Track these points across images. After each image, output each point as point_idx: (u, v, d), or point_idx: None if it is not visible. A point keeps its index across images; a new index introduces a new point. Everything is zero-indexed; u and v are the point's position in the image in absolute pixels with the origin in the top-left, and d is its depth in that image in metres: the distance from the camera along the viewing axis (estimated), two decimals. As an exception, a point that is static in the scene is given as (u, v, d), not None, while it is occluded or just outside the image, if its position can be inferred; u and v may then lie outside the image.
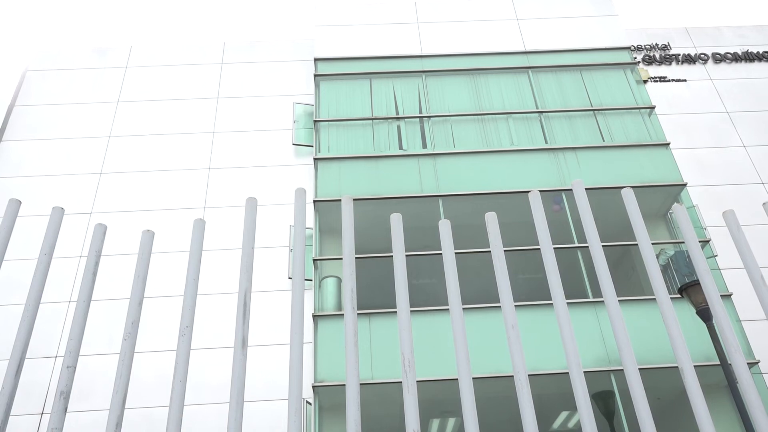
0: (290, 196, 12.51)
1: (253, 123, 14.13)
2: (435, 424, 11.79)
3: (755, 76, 15.22)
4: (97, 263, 2.01)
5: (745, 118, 14.40)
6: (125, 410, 1.77)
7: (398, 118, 13.33)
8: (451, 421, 11.79)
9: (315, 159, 12.59)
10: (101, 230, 2.06)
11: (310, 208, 11.99)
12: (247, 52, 15.51)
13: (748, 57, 15.49)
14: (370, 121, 13.25)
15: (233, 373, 1.81)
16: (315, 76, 14.03)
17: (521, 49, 14.46)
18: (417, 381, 1.82)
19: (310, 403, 9.93)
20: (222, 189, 13.06)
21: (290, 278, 11.62)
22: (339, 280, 11.30)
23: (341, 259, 10.60)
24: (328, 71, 14.07)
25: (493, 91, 13.75)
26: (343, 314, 9.85)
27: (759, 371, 10.08)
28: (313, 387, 9.83)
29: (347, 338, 1.84)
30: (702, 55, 15.48)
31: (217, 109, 14.40)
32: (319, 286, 11.17)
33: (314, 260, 11.28)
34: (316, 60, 14.27)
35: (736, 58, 15.46)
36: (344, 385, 1.82)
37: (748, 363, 6.07)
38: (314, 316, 10.55)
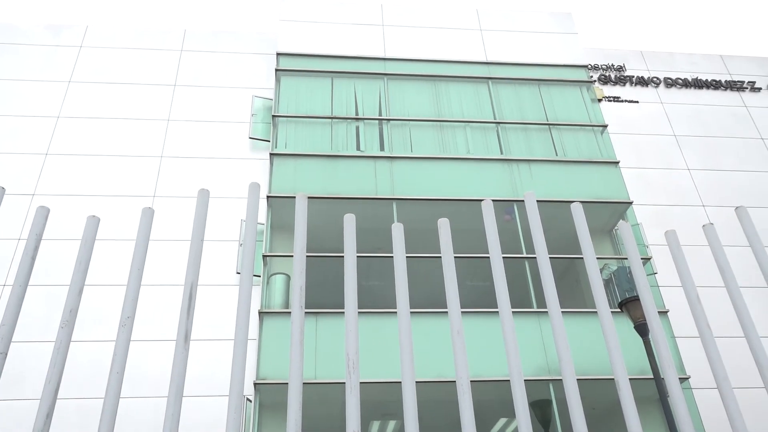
0: (243, 190, 12.35)
1: (210, 113, 13.89)
2: (375, 426, 11.81)
3: (703, 103, 15.84)
4: (36, 247, 1.94)
5: (691, 143, 14.96)
6: (57, 400, 1.72)
7: (357, 119, 13.33)
8: (392, 424, 11.83)
9: (271, 154, 12.47)
10: (43, 213, 1.99)
11: (263, 204, 11.86)
12: (208, 40, 15.24)
13: (698, 84, 16.10)
14: (329, 119, 13.21)
15: (174, 367, 1.77)
16: (276, 70, 13.90)
17: (483, 59, 14.67)
18: (360, 382, 1.82)
19: (250, 401, 9.81)
20: (173, 178, 12.79)
21: (238, 273, 11.47)
22: (288, 277, 11.21)
23: (292, 256, 10.52)
24: (290, 66, 13.96)
25: (453, 98, 13.89)
26: (289, 312, 9.77)
27: (689, 386, 10.48)
28: (255, 384, 9.72)
29: (293, 336, 1.83)
30: (655, 79, 16.02)
31: (173, 96, 14.10)
32: (267, 283, 11.06)
33: (264, 256, 11.17)
34: (278, 54, 14.14)
35: (686, 84, 16.05)
36: (287, 383, 1.81)
37: (679, 378, 6.30)
38: (260, 313, 10.44)
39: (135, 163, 12.95)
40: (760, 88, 16.24)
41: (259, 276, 10.99)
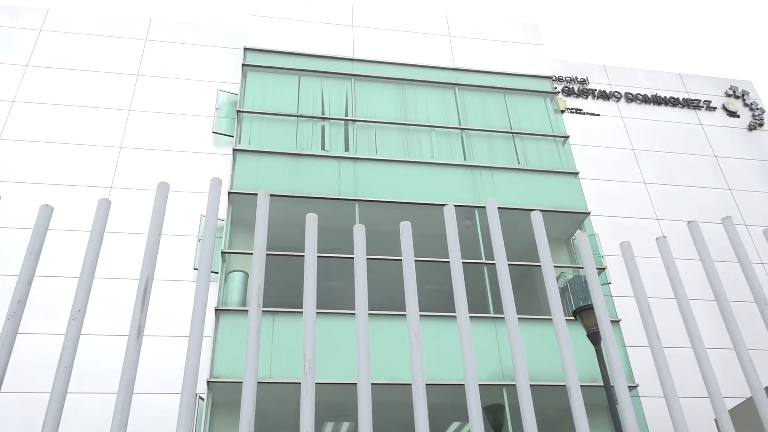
0: (204, 185, 12.16)
1: (173, 105, 13.65)
2: (329, 427, 11.76)
3: (661, 119, 16.29)
4: (-15, 235, 1.88)
5: (648, 157, 15.36)
6: (0, 394, 1.66)
7: (323, 119, 13.27)
8: (345, 425, 11.80)
9: (234, 150, 12.32)
10: (-6, 200, 1.93)
11: (223, 199, 11.70)
12: (174, 31, 14.98)
13: (657, 100, 16.55)
14: (295, 117, 13.12)
15: (125, 362, 1.73)
16: (243, 65, 13.74)
17: (450, 65, 14.78)
18: (315, 383, 1.81)
19: (202, 399, 9.66)
20: (132, 170, 12.51)
21: (196, 269, 11.29)
22: (246, 275, 11.09)
23: (251, 253, 10.40)
24: (257, 62, 13.83)
25: (420, 102, 13.96)
26: (246, 310, 9.66)
27: (637, 394, 10.74)
28: (208, 382, 9.58)
29: (249, 335, 1.81)
30: (616, 93, 16.40)
31: (135, 86, 13.80)
32: (225, 280, 10.91)
33: (222, 253, 11.02)
34: (245, 49, 13.99)
35: (646, 99, 16.48)
36: (241, 382, 1.79)
37: (628, 386, 6.47)
38: (217, 310, 10.29)
39: (93, 152, 12.63)
40: (715, 108, 16.78)
41: (217, 273, 10.84)
